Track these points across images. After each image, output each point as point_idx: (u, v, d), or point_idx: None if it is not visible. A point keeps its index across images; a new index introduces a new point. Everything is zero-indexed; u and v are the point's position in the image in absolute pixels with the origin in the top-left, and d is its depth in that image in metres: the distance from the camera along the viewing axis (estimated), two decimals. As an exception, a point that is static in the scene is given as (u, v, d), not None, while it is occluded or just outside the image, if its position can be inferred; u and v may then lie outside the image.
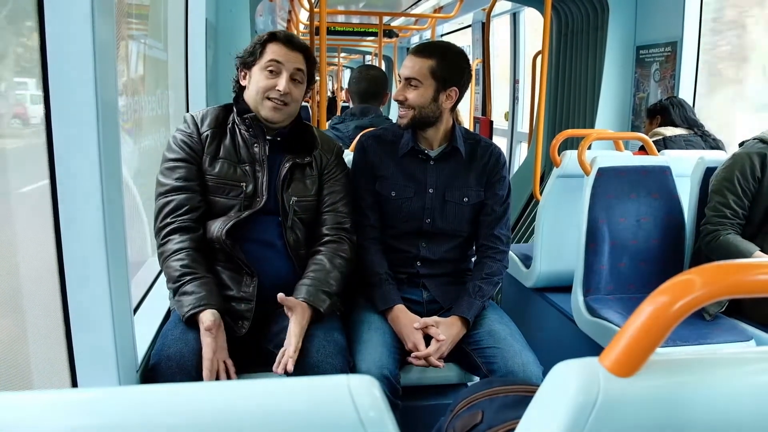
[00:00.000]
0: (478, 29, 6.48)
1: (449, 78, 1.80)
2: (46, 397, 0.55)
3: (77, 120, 1.14)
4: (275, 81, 1.69)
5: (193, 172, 1.67)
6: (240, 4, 3.35)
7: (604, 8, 3.72)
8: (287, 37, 1.73)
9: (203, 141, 1.68)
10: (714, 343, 1.96)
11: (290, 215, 1.71)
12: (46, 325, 1.26)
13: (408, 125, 1.84)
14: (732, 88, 3.78)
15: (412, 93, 1.80)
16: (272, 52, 1.69)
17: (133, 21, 2.35)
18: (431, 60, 1.79)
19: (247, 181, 1.68)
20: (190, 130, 1.69)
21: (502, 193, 1.91)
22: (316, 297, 1.62)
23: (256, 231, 1.70)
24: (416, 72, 1.79)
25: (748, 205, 2.11)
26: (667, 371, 0.55)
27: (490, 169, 1.90)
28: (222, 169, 1.68)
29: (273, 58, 1.68)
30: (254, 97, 1.70)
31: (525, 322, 2.69)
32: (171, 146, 1.69)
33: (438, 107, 1.82)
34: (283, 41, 1.71)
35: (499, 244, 1.90)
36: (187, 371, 1.47)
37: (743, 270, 0.54)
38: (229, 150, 1.70)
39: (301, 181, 1.75)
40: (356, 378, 0.55)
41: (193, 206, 1.65)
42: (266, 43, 1.71)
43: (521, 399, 0.85)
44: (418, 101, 1.80)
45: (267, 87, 1.68)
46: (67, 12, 1.11)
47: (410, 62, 1.81)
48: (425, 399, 1.84)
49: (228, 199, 1.67)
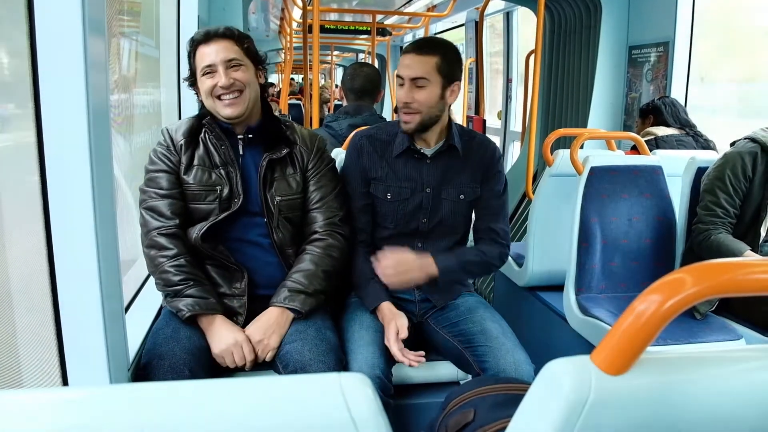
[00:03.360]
0: (472, 28, 6.49)
1: (453, 73, 1.76)
2: (36, 395, 0.55)
3: (68, 118, 1.13)
4: (214, 80, 1.67)
5: (173, 181, 1.68)
6: (232, 1, 3.34)
7: (596, 8, 3.73)
8: (204, 35, 1.70)
9: (179, 151, 1.69)
10: (704, 342, 1.97)
11: (276, 215, 1.72)
12: (36, 324, 1.25)
13: (414, 130, 1.78)
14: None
15: (420, 94, 1.73)
16: (199, 57, 1.68)
17: (125, 18, 2.34)
18: (436, 56, 1.73)
19: (222, 184, 1.68)
20: (167, 143, 1.70)
21: (498, 187, 1.89)
22: (292, 300, 1.64)
23: (241, 232, 1.71)
24: (423, 70, 1.72)
25: (740, 204, 2.12)
26: (658, 369, 0.55)
27: (485, 165, 1.87)
28: (197, 176, 1.68)
29: (203, 64, 1.67)
30: (209, 104, 1.70)
31: (517, 320, 2.70)
32: (152, 159, 1.70)
33: (444, 104, 1.78)
34: (202, 41, 1.69)
35: (497, 237, 1.88)
36: (178, 370, 1.47)
37: (733, 269, 0.55)
38: (202, 157, 1.70)
39: (284, 180, 1.74)
40: (348, 376, 0.55)
41: (177, 212, 1.66)
42: (192, 53, 1.70)
43: (513, 397, 0.85)
44: (428, 101, 1.74)
45: (210, 88, 1.67)
46: (57, 7, 1.10)
47: (413, 61, 1.74)
48: (417, 397, 1.84)
49: (206, 204, 1.68)
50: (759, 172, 2.09)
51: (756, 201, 2.10)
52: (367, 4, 6.88)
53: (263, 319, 1.63)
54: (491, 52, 7.07)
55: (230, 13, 3.32)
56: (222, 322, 1.60)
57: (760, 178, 2.09)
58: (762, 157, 2.10)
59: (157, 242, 1.62)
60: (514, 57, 6.13)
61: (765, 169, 2.09)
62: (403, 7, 6.52)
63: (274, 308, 1.65)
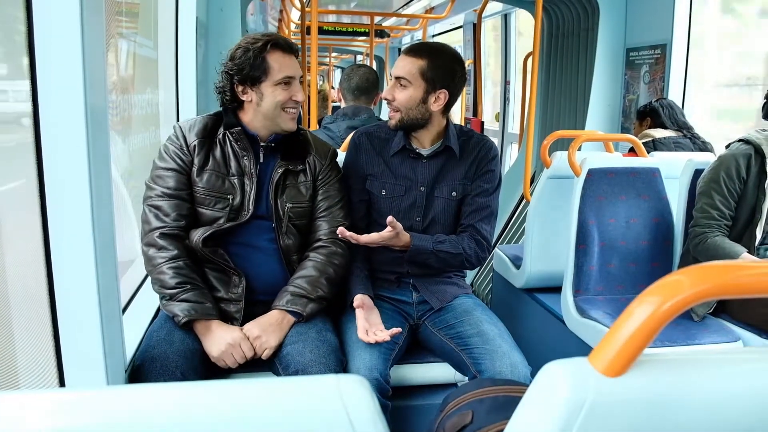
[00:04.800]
0: (469, 30, 6.49)
1: (439, 80, 1.78)
2: (33, 397, 0.55)
3: (66, 119, 1.13)
4: (291, 92, 1.67)
5: (182, 181, 1.66)
6: (231, 3, 3.34)
7: (594, 10, 3.73)
8: (288, 44, 1.69)
9: (191, 151, 1.66)
10: (702, 344, 1.97)
11: (285, 221, 1.71)
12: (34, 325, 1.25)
13: (396, 127, 1.84)
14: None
15: (400, 93, 1.80)
16: (282, 65, 1.65)
17: (124, 19, 2.33)
18: (422, 60, 1.78)
19: (234, 194, 1.67)
20: (179, 141, 1.67)
21: (488, 186, 1.87)
22: (294, 303, 1.64)
23: (246, 236, 1.70)
24: (406, 72, 1.78)
25: (735, 205, 2.12)
26: (656, 371, 0.55)
27: (479, 161, 1.88)
28: (209, 181, 1.66)
29: (285, 74, 1.65)
30: (271, 112, 1.67)
31: (514, 322, 2.70)
32: (162, 155, 1.68)
33: (426, 109, 1.80)
34: (287, 49, 1.67)
35: (479, 238, 1.85)
36: (170, 372, 1.47)
37: (731, 271, 0.55)
38: (218, 161, 1.68)
39: (295, 187, 1.74)
40: (346, 378, 0.54)
41: (181, 214, 1.64)
42: (266, 54, 1.64)
43: (511, 399, 0.85)
44: (406, 102, 1.79)
45: (285, 100, 1.67)
46: (55, 9, 1.10)
47: (401, 62, 1.81)
48: (415, 399, 1.84)
49: (214, 210, 1.66)
50: (753, 173, 2.09)
51: (750, 203, 2.10)
52: (365, 5, 6.88)
53: (263, 319, 1.63)
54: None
55: (229, 14, 3.32)
56: (218, 325, 1.59)
57: (754, 180, 2.09)
58: (756, 159, 2.10)
59: (156, 242, 1.61)
60: (512, 59, 6.13)
61: (759, 171, 2.09)
62: (401, 9, 6.52)
63: (275, 311, 1.64)
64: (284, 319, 1.63)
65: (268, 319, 1.63)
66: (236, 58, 1.65)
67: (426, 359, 1.86)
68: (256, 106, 1.68)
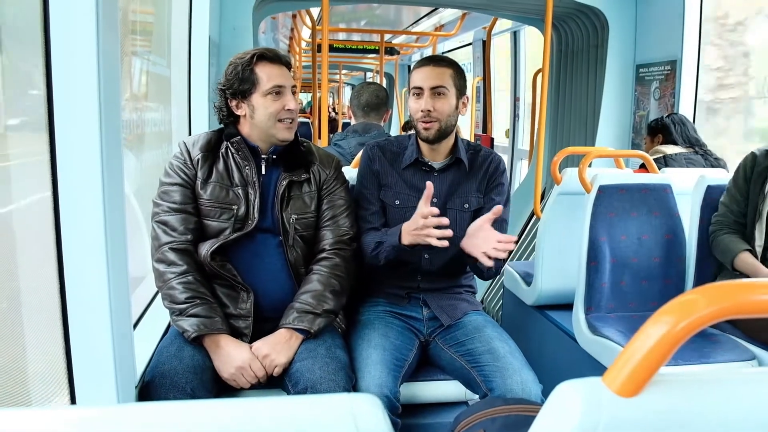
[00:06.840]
0: (479, 47, 6.53)
1: (463, 87, 1.86)
2: (44, 414, 0.55)
3: (80, 135, 1.15)
4: (283, 101, 1.68)
5: (187, 195, 1.67)
6: (243, 22, 3.38)
7: (604, 27, 3.75)
8: (275, 54, 1.71)
9: (195, 165, 1.68)
10: (717, 362, 1.94)
11: (291, 233, 1.72)
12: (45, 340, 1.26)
13: (434, 137, 1.83)
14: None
15: (439, 102, 1.80)
16: (270, 75, 1.67)
17: (138, 38, 2.37)
18: (450, 68, 1.83)
19: (239, 204, 1.68)
20: (183, 156, 1.69)
21: (500, 199, 1.89)
22: (301, 320, 1.64)
23: (254, 250, 1.70)
24: (442, 80, 1.80)
25: (745, 204, 2.20)
26: (671, 391, 0.55)
27: (489, 176, 1.91)
28: (214, 193, 1.68)
29: (273, 83, 1.67)
30: (265, 123, 1.69)
31: (525, 339, 2.68)
32: (167, 171, 1.70)
33: (457, 116, 1.86)
34: (274, 60, 1.69)
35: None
36: (180, 388, 1.47)
37: (747, 290, 0.54)
38: (221, 173, 1.70)
39: (300, 198, 1.75)
40: (359, 398, 0.54)
41: (189, 227, 1.65)
42: (253, 65, 1.67)
43: (524, 419, 0.84)
44: (447, 110, 1.81)
45: (278, 110, 1.68)
46: (72, 25, 1.12)
47: (431, 72, 1.81)
48: (425, 417, 1.82)
49: (219, 222, 1.67)
50: (754, 176, 2.17)
51: (753, 200, 2.17)
52: (375, 23, 6.95)
53: (271, 338, 1.62)
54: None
55: (240, 33, 3.35)
56: (227, 341, 1.59)
57: (753, 184, 2.17)
58: (756, 162, 2.17)
59: (166, 257, 1.62)
60: (522, 76, 6.15)
61: (758, 175, 2.16)
62: (411, 26, 6.58)
63: (282, 329, 1.64)
64: (292, 337, 1.63)
65: (276, 337, 1.62)
66: (227, 74, 1.70)
67: (436, 377, 1.84)
68: (251, 118, 1.70)
